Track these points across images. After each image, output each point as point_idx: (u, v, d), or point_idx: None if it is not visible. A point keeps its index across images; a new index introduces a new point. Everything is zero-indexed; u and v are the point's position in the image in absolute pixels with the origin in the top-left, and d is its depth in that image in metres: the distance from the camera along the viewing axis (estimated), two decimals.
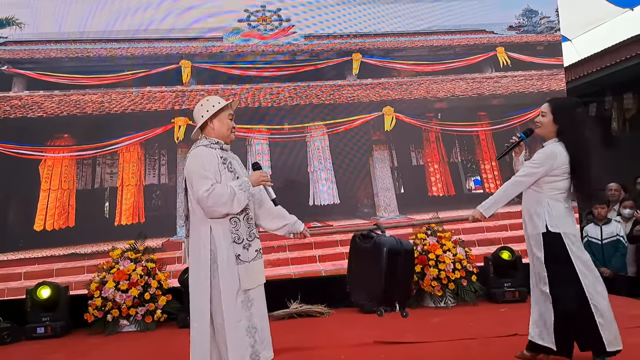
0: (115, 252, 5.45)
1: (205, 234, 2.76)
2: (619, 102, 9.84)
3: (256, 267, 2.83)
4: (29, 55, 6.09)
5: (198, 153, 2.84)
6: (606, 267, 5.77)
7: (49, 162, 5.93)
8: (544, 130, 3.36)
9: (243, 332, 2.73)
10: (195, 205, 2.79)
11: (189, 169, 2.80)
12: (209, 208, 2.71)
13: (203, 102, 2.94)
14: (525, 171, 3.29)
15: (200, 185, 2.72)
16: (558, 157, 3.24)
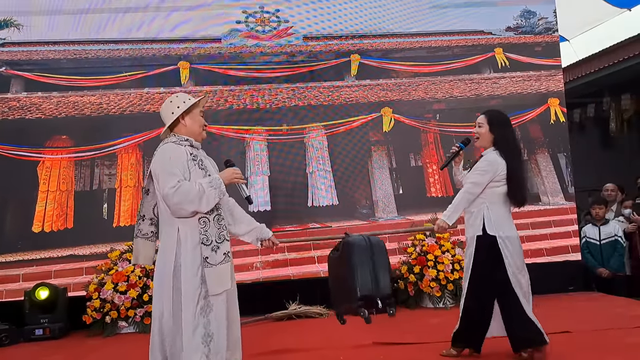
0: (114, 253, 5.45)
1: (172, 234, 2.65)
2: (616, 102, 9.87)
3: (223, 271, 2.68)
4: (27, 57, 6.08)
5: (165, 149, 2.72)
6: (605, 268, 5.78)
7: (47, 163, 5.92)
8: (482, 141, 3.60)
9: (199, 340, 2.59)
10: (162, 206, 2.69)
11: (155, 165, 2.69)
12: (176, 206, 2.59)
13: (172, 99, 2.85)
14: (473, 179, 3.50)
15: (166, 181, 2.59)
16: (498, 165, 3.46)
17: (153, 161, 2.72)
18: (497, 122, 3.57)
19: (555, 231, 6.28)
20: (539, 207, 6.41)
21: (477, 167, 3.53)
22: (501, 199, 3.49)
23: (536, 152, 6.55)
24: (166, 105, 2.84)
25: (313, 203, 6.19)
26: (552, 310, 5.12)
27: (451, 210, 3.53)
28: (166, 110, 2.83)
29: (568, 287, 6.00)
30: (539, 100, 6.59)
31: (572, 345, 3.88)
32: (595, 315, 4.79)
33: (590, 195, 7.30)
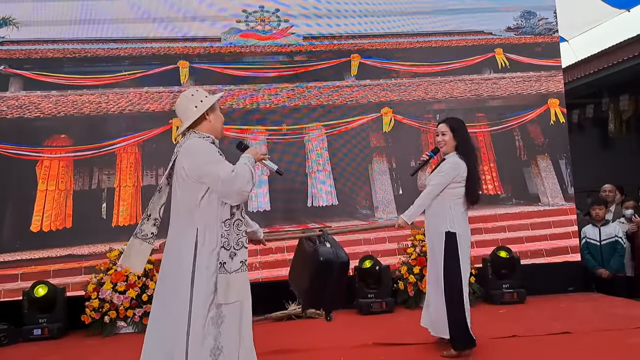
0: (113, 253, 5.42)
1: (190, 235, 2.51)
2: (615, 103, 9.89)
3: (238, 280, 2.52)
4: (26, 55, 6.06)
5: (198, 143, 2.59)
6: (605, 269, 5.78)
7: (46, 162, 5.90)
8: (447, 147, 3.83)
9: (206, 353, 2.43)
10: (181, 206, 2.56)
11: (193, 159, 2.52)
12: (239, 189, 2.46)
13: (192, 93, 2.68)
14: (437, 181, 3.74)
15: (221, 169, 2.47)
16: (461, 167, 3.73)
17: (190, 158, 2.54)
18: (458, 128, 3.85)
19: (554, 232, 6.28)
20: (539, 207, 6.41)
21: (442, 170, 3.77)
22: (460, 199, 3.77)
23: (536, 153, 6.55)
24: (186, 99, 2.68)
25: (312, 203, 6.18)
26: (551, 311, 5.13)
27: (412, 211, 3.78)
28: (186, 105, 2.67)
29: (567, 288, 6.00)
30: (539, 100, 6.59)
31: (573, 345, 3.88)
32: (595, 316, 4.79)
33: (589, 196, 7.32)
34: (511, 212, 6.38)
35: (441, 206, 3.76)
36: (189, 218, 2.55)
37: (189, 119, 2.65)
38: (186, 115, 2.66)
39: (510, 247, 5.82)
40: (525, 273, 5.73)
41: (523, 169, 6.55)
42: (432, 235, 3.83)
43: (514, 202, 6.44)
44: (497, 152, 6.52)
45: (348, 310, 5.51)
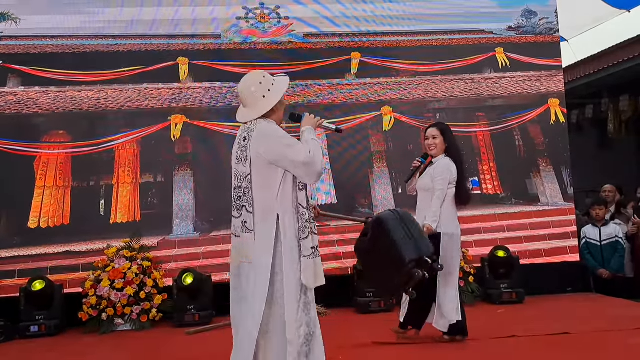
0: (111, 250, 5.41)
1: (272, 222, 2.49)
2: (615, 104, 9.88)
3: (317, 264, 2.54)
4: (24, 51, 6.02)
5: (270, 126, 2.54)
6: (605, 269, 5.78)
7: (44, 158, 5.86)
8: (438, 150, 3.98)
9: (302, 341, 2.47)
10: (260, 194, 2.51)
11: (273, 144, 2.48)
12: (317, 169, 2.48)
13: (261, 80, 2.59)
14: (441, 186, 3.87)
15: (299, 151, 2.46)
16: (453, 169, 3.92)
17: (260, 142, 2.50)
18: (447, 132, 4.01)
19: (553, 232, 6.27)
20: (538, 207, 6.40)
21: (439, 174, 3.89)
22: (451, 199, 3.93)
23: (535, 153, 6.54)
24: (254, 84, 2.60)
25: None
26: (550, 311, 5.13)
27: (435, 216, 3.84)
28: (258, 90, 2.59)
29: (566, 288, 6.00)
30: (539, 100, 6.57)
31: (572, 346, 3.87)
32: (595, 317, 4.78)
33: (588, 196, 7.31)
34: (510, 212, 6.37)
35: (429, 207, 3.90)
36: (270, 205, 2.51)
37: (258, 109, 2.59)
38: (255, 104, 2.60)
39: (510, 247, 5.81)
40: (524, 273, 5.72)
41: (522, 168, 6.54)
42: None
43: (514, 202, 6.43)
44: (496, 152, 6.50)
45: (346, 309, 5.49)
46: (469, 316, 4.14)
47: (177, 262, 5.70)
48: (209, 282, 5.38)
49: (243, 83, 2.64)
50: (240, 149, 2.57)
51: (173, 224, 5.91)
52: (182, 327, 5.05)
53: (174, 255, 5.80)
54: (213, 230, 5.96)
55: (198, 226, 5.94)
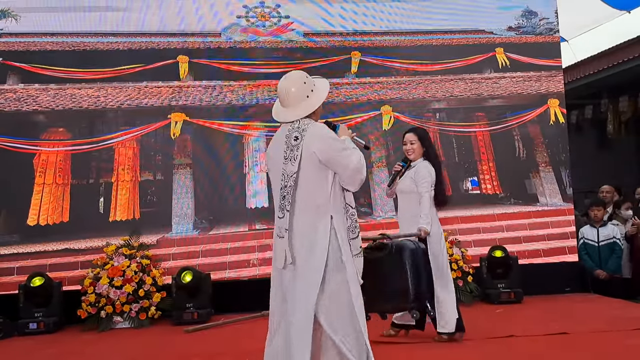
0: (110, 248, 5.42)
1: (327, 223, 2.47)
2: (614, 104, 9.88)
3: (362, 262, 2.60)
4: (24, 48, 6.02)
5: (324, 128, 2.56)
6: (602, 270, 5.78)
7: (44, 156, 5.87)
8: (416, 155, 4.11)
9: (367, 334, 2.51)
10: (309, 194, 2.49)
11: (328, 145, 2.48)
12: (363, 176, 2.53)
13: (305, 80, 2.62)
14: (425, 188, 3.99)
15: (350, 157, 2.49)
16: (433, 172, 4.05)
17: (315, 141, 2.48)
18: (425, 137, 4.16)
19: (552, 232, 6.28)
20: (537, 207, 6.41)
21: (422, 178, 4.00)
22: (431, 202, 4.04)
23: (535, 153, 6.54)
24: (298, 84, 2.61)
25: None
26: (548, 311, 5.13)
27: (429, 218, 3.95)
28: (301, 90, 2.60)
29: (565, 288, 6.00)
30: (538, 100, 6.58)
31: (570, 346, 3.88)
32: (593, 317, 4.78)
33: (587, 197, 7.32)
34: (509, 211, 6.38)
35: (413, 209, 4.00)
36: (323, 205, 2.50)
37: (302, 109, 2.58)
38: (298, 104, 2.59)
39: (508, 246, 5.82)
40: (523, 273, 5.72)
41: (522, 168, 6.54)
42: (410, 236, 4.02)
43: (513, 202, 6.44)
44: (496, 152, 6.51)
45: None
46: (468, 316, 4.15)
47: (176, 260, 5.70)
48: (207, 280, 5.38)
49: (286, 82, 2.63)
50: (289, 149, 2.51)
51: (172, 222, 5.92)
52: (180, 325, 5.05)
53: (173, 254, 5.81)
54: (212, 228, 5.97)
55: (197, 224, 5.95)
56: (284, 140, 2.54)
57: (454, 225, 6.08)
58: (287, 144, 2.52)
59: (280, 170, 2.51)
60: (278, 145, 2.58)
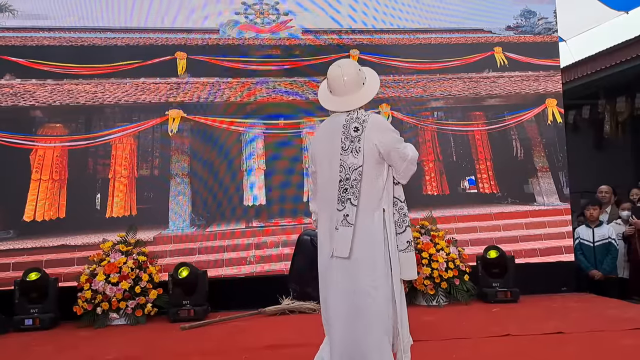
0: (106, 244, 5.39)
1: (380, 216, 2.49)
2: (611, 105, 9.91)
3: (412, 257, 2.58)
4: (21, 43, 5.99)
5: (383, 119, 2.61)
6: (597, 270, 5.80)
7: (40, 151, 5.84)
8: None
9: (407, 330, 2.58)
10: (369, 187, 2.48)
11: (388, 136, 2.49)
12: (414, 168, 2.56)
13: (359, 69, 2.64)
14: None
15: (406, 148, 2.52)
16: None
17: (376, 132, 2.49)
18: None
19: (549, 232, 6.29)
20: (534, 207, 6.42)
21: None
22: None
23: (532, 153, 6.55)
24: (354, 72, 2.62)
25: (308, 198, 6.15)
26: (545, 311, 5.14)
27: None
28: (357, 78, 2.61)
29: (561, 288, 6.02)
30: (536, 100, 6.58)
31: (566, 346, 3.88)
32: (589, 317, 4.80)
33: (583, 197, 7.34)
34: (506, 211, 6.38)
35: None
36: (377, 198, 2.50)
37: (359, 98, 2.59)
38: (353, 93, 2.58)
39: (505, 246, 5.83)
40: (519, 272, 5.73)
41: (519, 168, 6.55)
42: None
43: (510, 201, 6.45)
44: (493, 151, 6.51)
45: None
46: (464, 315, 4.15)
47: (173, 257, 5.69)
48: (204, 277, 5.37)
49: (341, 70, 2.59)
50: (350, 140, 2.48)
51: (169, 219, 5.91)
52: (176, 322, 5.04)
53: (170, 251, 5.80)
54: (209, 225, 5.96)
55: (194, 221, 5.94)
56: (341, 131, 2.49)
57: (451, 224, 6.09)
58: (346, 134, 2.47)
59: (338, 162, 2.47)
60: (331, 135, 2.54)
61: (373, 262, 2.45)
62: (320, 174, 2.61)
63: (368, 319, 2.45)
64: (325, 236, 2.54)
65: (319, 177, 2.61)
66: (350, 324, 2.48)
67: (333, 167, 2.50)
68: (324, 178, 2.56)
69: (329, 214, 2.50)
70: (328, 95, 2.63)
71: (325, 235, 2.55)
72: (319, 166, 2.63)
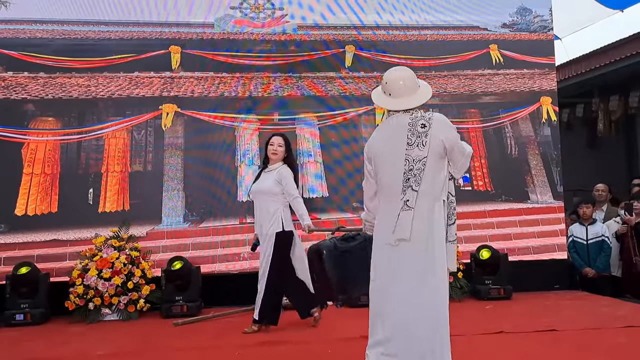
0: (99, 239, 5.36)
1: (440, 207, 2.62)
2: (605, 104, 9.93)
3: (454, 250, 2.72)
4: (13, 35, 5.92)
5: (446, 117, 2.72)
6: (590, 268, 5.82)
7: (32, 145, 5.79)
8: (278, 157, 4.39)
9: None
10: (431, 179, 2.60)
11: (453, 133, 2.66)
12: (468, 164, 2.71)
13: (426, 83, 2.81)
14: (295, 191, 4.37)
15: (464, 145, 2.69)
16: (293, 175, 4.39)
17: (443, 128, 2.63)
18: (289, 143, 4.50)
19: (542, 229, 6.31)
20: (528, 205, 6.43)
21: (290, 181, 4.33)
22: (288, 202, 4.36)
23: (526, 150, 6.56)
24: (410, 75, 2.74)
25: (303, 194, 6.13)
26: (537, 308, 5.15)
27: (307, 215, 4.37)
28: (413, 81, 2.73)
29: (554, 285, 6.04)
30: (531, 98, 6.59)
31: (559, 343, 3.90)
32: (582, 314, 4.82)
33: (576, 195, 7.35)
34: (500, 208, 6.39)
35: (272, 209, 4.31)
36: (439, 190, 2.63)
37: (418, 98, 2.71)
38: (413, 93, 2.71)
39: (498, 243, 5.86)
40: (513, 270, 5.75)
41: (513, 166, 6.56)
42: (268, 235, 4.33)
43: (504, 199, 6.46)
44: (488, 149, 6.52)
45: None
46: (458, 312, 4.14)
47: (166, 253, 5.66)
48: (197, 273, 5.35)
49: (399, 73, 2.75)
50: (416, 135, 2.62)
51: (162, 214, 5.87)
52: (169, 318, 5.02)
53: (163, 246, 5.76)
54: (202, 221, 5.93)
55: (187, 217, 5.91)
56: (406, 128, 2.64)
57: None
58: (412, 131, 2.63)
59: (403, 156, 2.62)
60: (394, 134, 2.68)
61: (432, 246, 2.58)
62: (383, 172, 2.72)
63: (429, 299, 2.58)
64: (388, 228, 2.64)
65: (383, 175, 2.72)
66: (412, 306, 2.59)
67: (397, 164, 2.64)
68: (387, 176, 2.69)
69: (392, 208, 2.63)
70: (385, 97, 2.76)
71: (388, 227, 2.64)
72: (381, 166, 2.74)
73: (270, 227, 4.30)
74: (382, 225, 2.72)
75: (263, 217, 4.36)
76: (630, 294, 5.53)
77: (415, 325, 2.56)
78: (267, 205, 4.33)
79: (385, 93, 2.75)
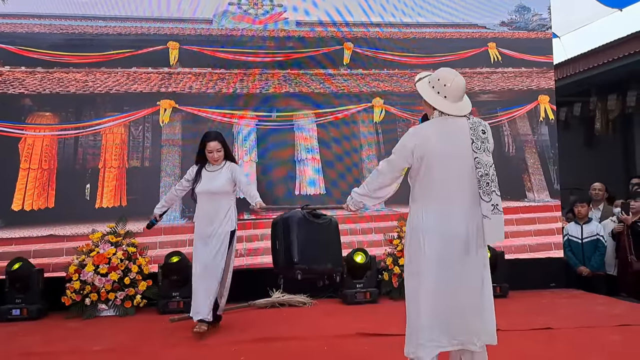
0: (96, 235, 5.36)
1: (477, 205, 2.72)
2: (602, 103, 9.94)
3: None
4: (11, 30, 5.90)
5: None
6: (585, 266, 5.84)
7: (29, 140, 5.77)
8: (222, 156, 4.37)
9: None
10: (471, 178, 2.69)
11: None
12: None
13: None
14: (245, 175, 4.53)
15: None
16: None
17: (491, 135, 2.79)
18: (225, 141, 4.44)
19: (539, 228, 6.32)
20: (524, 203, 6.44)
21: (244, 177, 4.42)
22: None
23: (524, 149, 6.57)
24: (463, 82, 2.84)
25: (300, 191, 6.14)
26: (533, 306, 5.17)
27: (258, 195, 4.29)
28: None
29: (550, 284, 6.06)
30: (529, 96, 6.60)
31: (554, 341, 3.91)
32: (577, 312, 4.84)
33: (572, 194, 7.37)
34: None
35: (225, 208, 4.29)
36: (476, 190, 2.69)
37: (469, 104, 2.81)
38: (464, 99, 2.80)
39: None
40: (509, 267, 5.76)
41: (510, 164, 6.56)
42: (220, 234, 4.25)
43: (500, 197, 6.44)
44: None
45: (332, 300, 5.51)
46: None
47: (163, 249, 5.65)
48: None
49: (460, 78, 2.79)
50: (480, 140, 2.71)
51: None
52: (166, 314, 5.02)
53: (160, 242, 5.76)
54: None
55: (185, 213, 5.90)
56: (469, 132, 2.70)
57: None
58: (475, 135, 2.71)
59: (471, 159, 2.68)
60: (453, 136, 2.71)
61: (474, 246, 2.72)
62: (440, 172, 2.70)
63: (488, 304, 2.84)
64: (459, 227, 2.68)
65: (439, 175, 2.70)
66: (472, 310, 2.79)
67: (460, 165, 2.68)
68: (441, 174, 2.69)
69: (463, 209, 2.67)
70: (446, 102, 2.74)
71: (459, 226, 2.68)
72: (436, 166, 2.71)
73: (224, 225, 4.25)
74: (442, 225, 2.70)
75: (216, 215, 4.25)
76: (626, 292, 5.54)
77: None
78: (220, 204, 4.27)
79: (439, 94, 2.73)
